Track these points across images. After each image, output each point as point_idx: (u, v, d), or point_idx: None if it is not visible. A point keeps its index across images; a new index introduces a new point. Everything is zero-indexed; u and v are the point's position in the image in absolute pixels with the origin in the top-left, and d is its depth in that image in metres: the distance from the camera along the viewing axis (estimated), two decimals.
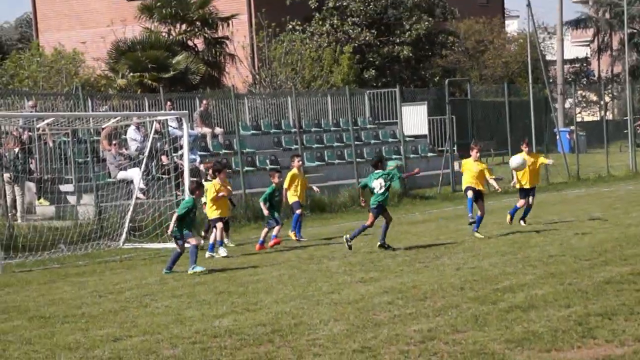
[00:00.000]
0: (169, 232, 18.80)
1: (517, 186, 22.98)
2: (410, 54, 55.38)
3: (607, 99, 69.01)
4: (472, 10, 67.41)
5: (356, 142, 36.46)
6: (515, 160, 22.45)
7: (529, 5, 40.38)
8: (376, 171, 19.93)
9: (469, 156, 21.67)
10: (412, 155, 38.58)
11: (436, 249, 19.34)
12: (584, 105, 75.19)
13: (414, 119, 42.17)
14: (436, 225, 23.53)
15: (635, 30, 78.94)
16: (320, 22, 53.87)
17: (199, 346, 11.20)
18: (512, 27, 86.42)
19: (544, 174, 37.88)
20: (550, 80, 53.39)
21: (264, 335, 11.63)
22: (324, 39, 52.16)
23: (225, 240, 21.42)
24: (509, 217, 22.64)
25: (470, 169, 21.52)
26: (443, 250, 19.32)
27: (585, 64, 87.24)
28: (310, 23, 53.71)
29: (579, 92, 73.58)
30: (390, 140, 40.62)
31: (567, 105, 61.77)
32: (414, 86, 52.80)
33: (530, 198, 22.54)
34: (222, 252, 20.48)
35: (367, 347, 10.65)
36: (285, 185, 22.51)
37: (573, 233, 20.68)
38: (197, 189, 19.13)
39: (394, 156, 36.89)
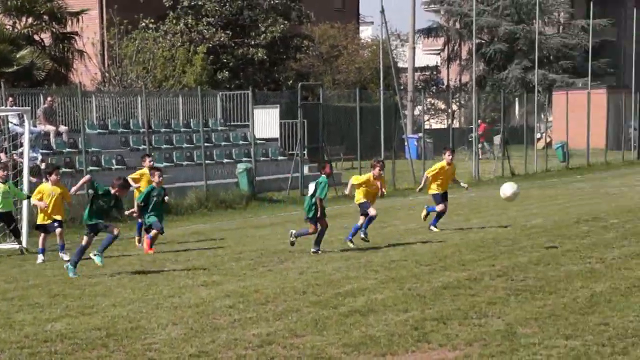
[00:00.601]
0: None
1: (429, 191, 22.67)
2: (265, 57, 55.33)
3: (454, 107, 70.18)
4: (327, 15, 67.62)
5: (206, 144, 36.31)
6: (508, 189, 20.34)
7: (382, 11, 40.76)
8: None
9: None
10: (262, 159, 38.53)
11: (281, 253, 19.34)
12: (433, 112, 76.24)
13: (266, 122, 42.24)
14: (283, 228, 23.50)
15: (483, 41, 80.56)
16: (175, 21, 53.50)
17: (28, 351, 10.86)
18: (366, 33, 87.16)
19: (390, 179, 38.39)
20: (401, 87, 53.94)
21: (98, 339, 11.40)
22: (178, 38, 51.74)
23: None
24: (424, 212, 22.65)
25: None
26: (288, 254, 19.28)
27: (435, 72, 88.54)
28: (164, 22, 53.28)
29: (428, 99, 74.72)
30: (240, 142, 40.53)
31: (416, 112, 62.58)
32: (267, 89, 52.80)
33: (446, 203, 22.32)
34: (64, 256, 19.45)
35: (204, 352, 10.59)
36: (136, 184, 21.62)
37: (415, 239, 20.91)
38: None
39: (243, 159, 36.82)
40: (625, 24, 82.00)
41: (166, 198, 20.99)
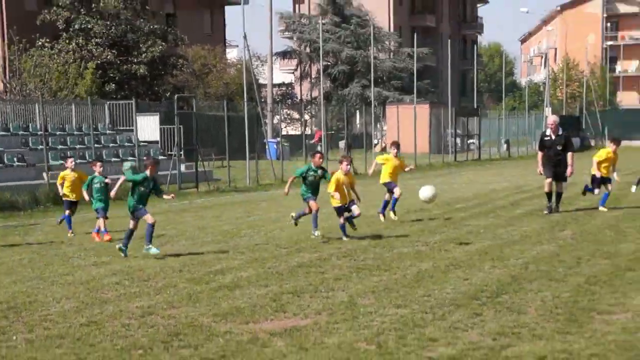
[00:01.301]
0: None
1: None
2: (146, 72, 55.66)
3: (306, 117, 70.77)
4: (199, 39, 68.05)
5: (96, 145, 36.10)
6: (426, 192, 19.35)
7: (245, 37, 40.61)
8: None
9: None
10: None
11: (162, 238, 19.03)
12: (289, 121, 76.70)
13: (148, 127, 42.25)
14: (164, 217, 23.19)
15: (329, 63, 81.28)
16: (67, 41, 53.19)
17: None
18: (231, 54, 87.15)
19: (254, 176, 38.40)
20: (262, 100, 54.00)
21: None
22: (70, 55, 51.28)
23: None
24: (382, 215, 20.98)
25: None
26: (168, 238, 19.05)
27: (290, 88, 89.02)
28: (58, 41, 52.84)
29: (285, 110, 75.30)
30: (126, 144, 40.29)
31: (275, 120, 62.79)
32: (148, 99, 52.71)
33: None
34: None
35: (93, 322, 10.35)
36: (59, 182, 20.74)
37: (275, 226, 20.85)
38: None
39: (129, 158, 36.42)
40: (442, 52, 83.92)
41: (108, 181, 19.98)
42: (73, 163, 21.08)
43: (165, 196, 17.00)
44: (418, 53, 65.74)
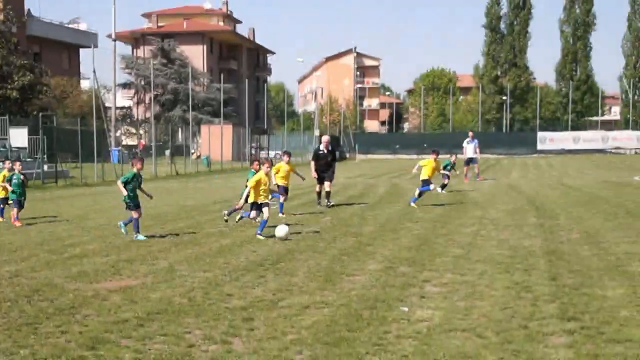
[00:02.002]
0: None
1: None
2: (18, 96, 52.95)
3: (141, 132, 69.12)
4: (59, 72, 66.07)
5: None
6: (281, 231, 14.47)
7: (94, 72, 39.48)
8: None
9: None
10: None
11: (29, 220, 18.08)
12: (128, 134, 74.69)
13: (19, 137, 40.63)
14: (30, 205, 22.01)
15: (158, 92, 79.81)
16: None
17: None
18: (85, 84, 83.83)
19: (100, 175, 37.11)
20: (107, 118, 52.31)
21: None
22: None
23: None
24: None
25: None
26: (32, 220, 18.13)
27: (129, 110, 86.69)
28: None
29: (124, 127, 73.60)
30: (1, 149, 38.11)
31: (117, 134, 61.01)
32: (20, 116, 49.90)
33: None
34: None
35: None
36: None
37: (118, 212, 20.24)
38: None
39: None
40: (242, 87, 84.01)
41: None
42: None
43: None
44: (224, 88, 66.39)
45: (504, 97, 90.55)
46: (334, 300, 8.75)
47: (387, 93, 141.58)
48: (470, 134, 35.03)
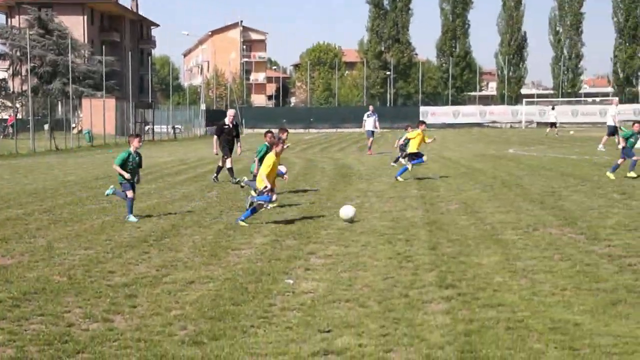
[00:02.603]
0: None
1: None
2: None
3: (17, 105, 65.94)
4: None
5: None
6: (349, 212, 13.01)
7: None
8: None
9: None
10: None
11: None
12: (3, 108, 71.09)
13: None
14: None
15: (36, 65, 76.33)
16: None
17: None
18: None
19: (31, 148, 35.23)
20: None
21: None
22: None
23: None
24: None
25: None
26: None
27: (4, 82, 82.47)
28: None
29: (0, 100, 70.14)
30: None
31: None
32: None
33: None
34: None
35: None
36: None
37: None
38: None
39: None
40: (125, 60, 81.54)
41: None
42: None
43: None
44: (106, 60, 64.36)
45: (388, 72, 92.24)
46: (219, 275, 8.69)
47: (274, 67, 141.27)
48: (371, 107, 35.64)
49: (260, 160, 14.15)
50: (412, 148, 20.42)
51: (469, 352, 5.76)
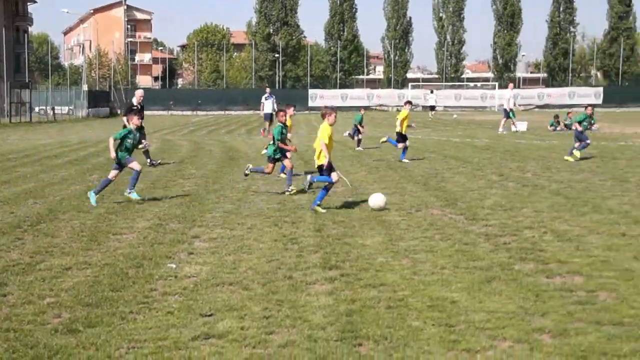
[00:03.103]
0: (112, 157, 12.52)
1: None
2: None
3: None
4: None
5: None
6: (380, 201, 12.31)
7: None
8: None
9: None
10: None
11: None
12: None
13: None
14: None
15: None
16: None
17: None
18: None
19: None
20: None
21: None
22: None
23: None
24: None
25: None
26: None
27: None
28: None
29: None
30: None
31: None
32: None
33: None
34: None
35: None
36: None
37: None
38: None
39: None
40: None
41: None
42: None
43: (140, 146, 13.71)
44: None
45: (277, 55, 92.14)
46: (98, 261, 8.44)
47: (160, 48, 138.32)
48: (268, 89, 35.50)
49: (280, 141, 14.12)
50: (400, 128, 20.48)
51: (349, 331, 5.84)
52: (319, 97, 78.21)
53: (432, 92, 64.58)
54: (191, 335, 5.79)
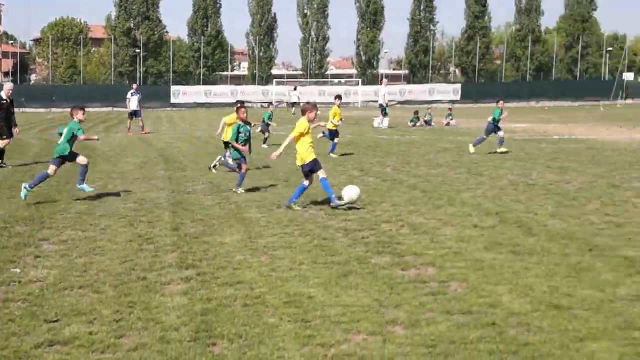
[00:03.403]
0: None
1: None
2: None
3: None
4: None
5: None
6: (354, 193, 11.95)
7: None
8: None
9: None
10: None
11: None
12: None
13: None
14: None
15: None
16: None
17: None
18: None
19: None
20: None
21: None
22: None
23: None
24: None
25: None
26: None
27: None
28: None
29: None
30: None
31: None
32: None
33: None
34: None
35: None
36: None
37: None
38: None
39: None
40: None
41: None
42: None
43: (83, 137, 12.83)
44: None
45: (138, 50, 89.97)
46: None
47: (11, 42, 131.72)
48: (134, 86, 34.50)
49: (237, 140, 13.83)
50: (330, 125, 20.82)
51: (204, 331, 5.76)
52: (182, 93, 77.09)
53: (295, 88, 65.23)
54: (34, 343, 5.52)
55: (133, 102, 32.65)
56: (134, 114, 32.65)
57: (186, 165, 18.84)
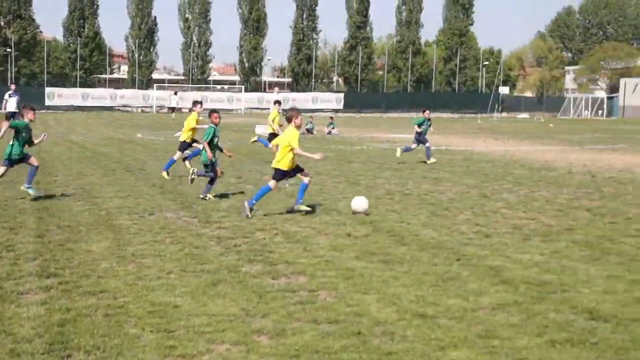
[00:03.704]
0: None
1: None
2: None
3: None
4: None
5: None
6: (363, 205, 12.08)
7: None
8: None
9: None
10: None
11: None
12: None
13: None
14: None
15: None
16: None
17: None
18: None
19: None
20: None
21: None
22: None
23: None
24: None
25: None
26: None
27: None
28: None
29: None
30: None
31: None
32: None
33: None
34: None
35: None
36: None
37: None
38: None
39: None
40: None
41: None
42: None
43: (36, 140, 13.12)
44: None
45: (8, 50, 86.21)
46: None
47: None
48: (13, 86, 33.13)
49: (209, 143, 13.51)
50: (270, 129, 21.53)
51: (59, 342, 5.53)
52: (57, 95, 74.49)
53: (175, 93, 64.41)
54: None
55: (11, 104, 31.27)
56: (12, 116, 31.21)
57: (58, 169, 18.20)
